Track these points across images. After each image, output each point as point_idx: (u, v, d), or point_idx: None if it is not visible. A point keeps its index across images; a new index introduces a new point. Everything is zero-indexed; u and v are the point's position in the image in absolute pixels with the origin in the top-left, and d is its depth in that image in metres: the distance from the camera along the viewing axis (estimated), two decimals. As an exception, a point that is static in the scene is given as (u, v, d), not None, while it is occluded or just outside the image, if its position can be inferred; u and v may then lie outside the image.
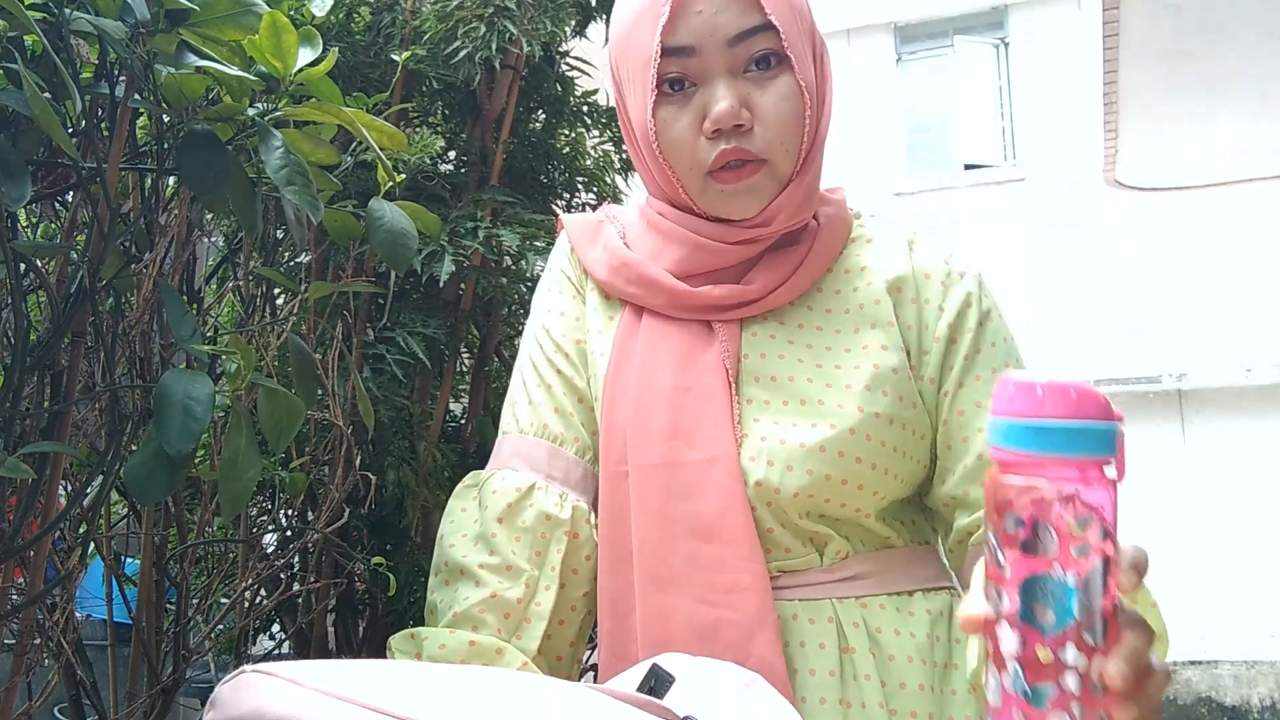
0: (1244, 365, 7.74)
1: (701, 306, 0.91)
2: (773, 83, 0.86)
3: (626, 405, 0.89)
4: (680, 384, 0.88)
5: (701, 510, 0.84)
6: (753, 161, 0.87)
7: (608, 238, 0.98)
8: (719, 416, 0.86)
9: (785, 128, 0.87)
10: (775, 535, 0.85)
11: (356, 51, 1.77)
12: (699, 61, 0.86)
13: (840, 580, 0.85)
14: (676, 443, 0.86)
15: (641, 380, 0.89)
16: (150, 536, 1.28)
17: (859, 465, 0.84)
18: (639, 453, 0.87)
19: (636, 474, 0.86)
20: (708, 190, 0.89)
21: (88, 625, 1.62)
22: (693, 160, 0.88)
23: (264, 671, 0.55)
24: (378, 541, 1.77)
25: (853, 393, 0.87)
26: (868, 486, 0.85)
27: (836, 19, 9.12)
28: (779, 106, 0.86)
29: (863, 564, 0.87)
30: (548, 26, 1.76)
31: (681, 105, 0.87)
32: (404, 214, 1.14)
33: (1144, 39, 3.93)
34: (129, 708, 1.22)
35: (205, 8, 0.94)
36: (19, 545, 0.96)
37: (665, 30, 0.85)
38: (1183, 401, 7.98)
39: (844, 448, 0.84)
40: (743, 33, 0.85)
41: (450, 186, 1.88)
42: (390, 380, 1.70)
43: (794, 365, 0.89)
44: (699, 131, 0.87)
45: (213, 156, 0.98)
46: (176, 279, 1.29)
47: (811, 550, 0.86)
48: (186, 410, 0.90)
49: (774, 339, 0.91)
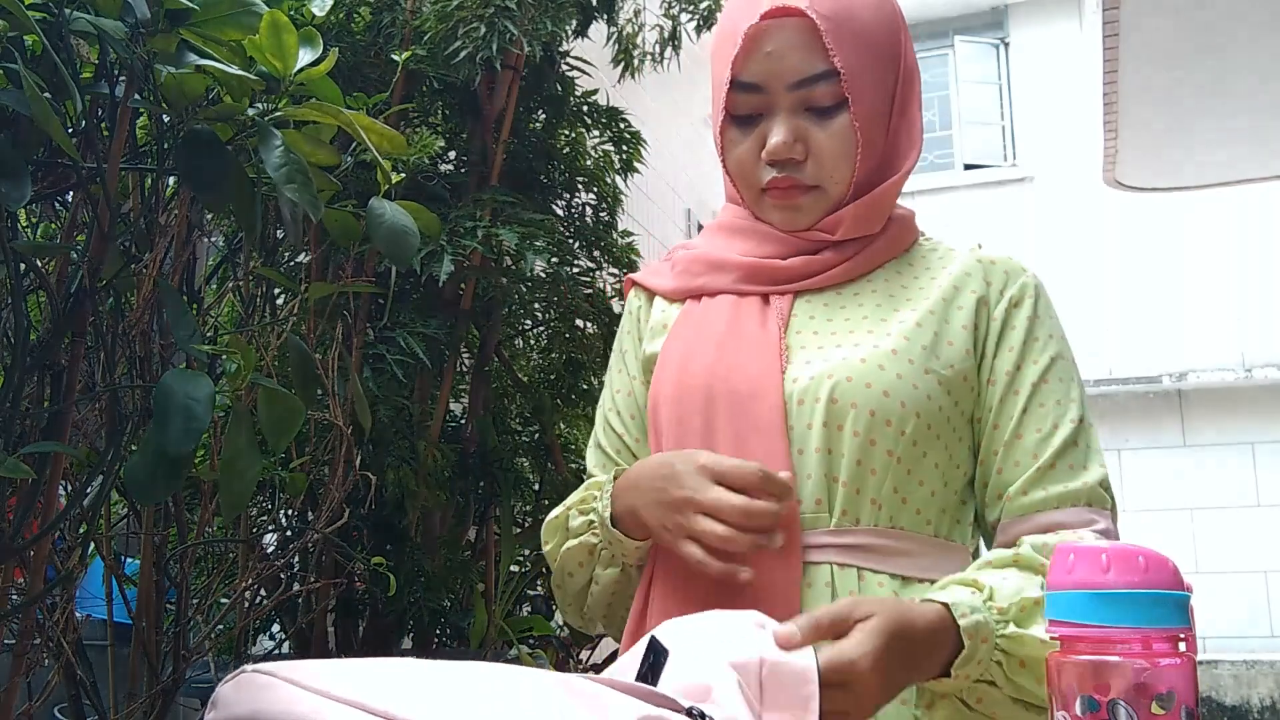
0: (1244, 365, 7.74)
1: (772, 278, 0.96)
2: (830, 122, 0.92)
3: (674, 354, 0.95)
4: (730, 332, 0.94)
5: (742, 438, 0.88)
6: (802, 186, 0.94)
7: (676, 258, 1.06)
8: (767, 359, 0.91)
9: (835, 163, 0.93)
10: (807, 484, 0.87)
11: (356, 51, 1.77)
12: (764, 98, 0.92)
13: (845, 547, 0.86)
14: (720, 376, 0.91)
15: (691, 332, 0.96)
16: (150, 536, 1.28)
17: (885, 398, 0.87)
18: (680, 387, 0.93)
19: (672, 407, 0.92)
20: (761, 202, 0.97)
21: (88, 625, 1.62)
22: (752, 178, 0.96)
23: (265, 671, 0.54)
24: (378, 541, 1.77)
25: (900, 330, 0.91)
26: (896, 424, 0.87)
27: (836, 19, 9.11)
28: (830, 143, 0.92)
29: (874, 536, 0.87)
30: (548, 26, 1.76)
31: (746, 129, 0.94)
32: (404, 213, 1.14)
33: (1144, 39, 3.93)
34: (129, 708, 1.22)
35: (205, 8, 0.94)
36: (19, 545, 0.96)
37: (736, 65, 0.91)
38: (1183, 401, 7.98)
39: (884, 362, 0.88)
40: (804, 80, 0.91)
41: (450, 186, 1.88)
42: (390, 380, 1.70)
43: (841, 324, 0.94)
44: (758, 156, 0.94)
45: (213, 156, 0.98)
46: (176, 279, 1.29)
47: (823, 510, 0.87)
48: (186, 410, 0.90)
49: (826, 306, 0.96)
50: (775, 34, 0.90)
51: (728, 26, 0.94)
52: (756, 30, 0.90)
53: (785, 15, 0.89)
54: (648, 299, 1.06)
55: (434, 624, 1.82)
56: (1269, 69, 4.12)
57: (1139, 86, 4.26)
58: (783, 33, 0.90)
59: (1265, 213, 7.56)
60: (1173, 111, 4.48)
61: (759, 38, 0.90)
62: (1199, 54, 4.00)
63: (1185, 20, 3.79)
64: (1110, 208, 8.01)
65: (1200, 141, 4.82)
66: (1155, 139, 4.78)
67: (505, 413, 2.08)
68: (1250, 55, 4.02)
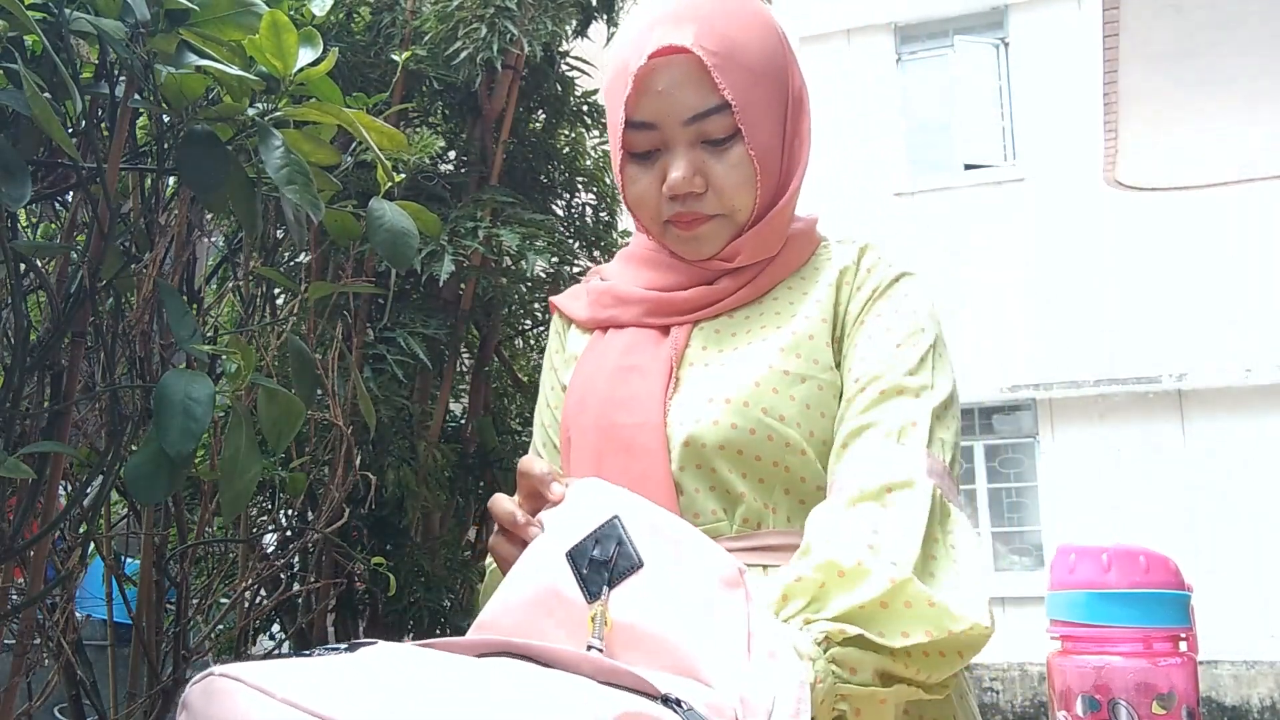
0: (1244, 365, 7.74)
1: (674, 309, 0.99)
2: (726, 153, 0.94)
3: (578, 386, 0.98)
4: (623, 365, 0.96)
5: (628, 468, 0.90)
6: (704, 217, 0.96)
7: (590, 287, 1.08)
8: (653, 391, 0.93)
9: (736, 192, 0.95)
10: (700, 499, 0.90)
11: (356, 51, 1.77)
12: (659, 134, 0.94)
13: (750, 549, 0.88)
14: (610, 409, 0.94)
15: (593, 365, 0.98)
16: (150, 536, 1.28)
17: (765, 416, 0.89)
18: (579, 419, 0.95)
19: (576, 436, 0.95)
20: (668, 234, 0.99)
21: (88, 625, 1.62)
22: (655, 212, 0.97)
23: (232, 676, 0.54)
24: (378, 541, 1.77)
25: (767, 356, 0.93)
26: (778, 438, 0.89)
27: (836, 19, 9.13)
28: (729, 175, 0.94)
29: (774, 537, 0.89)
30: (549, 26, 1.76)
31: (645, 166, 0.96)
32: (404, 213, 1.14)
33: (1144, 39, 3.93)
34: (129, 708, 1.22)
35: (205, 8, 0.94)
36: (19, 545, 0.96)
37: (630, 105, 0.93)
38: (1183, 401, 7.98)
39: (748, 398, 0.90)
40: (697, 115, 0.92)
41: (450, 186, 1.88)
42: (390, 380, 1.70)
43: (731, 348, 0.96)
44: (659, 190, 0.96)
45: (213, 156, 0.98)
46: (176, 279, 1.29)
47: (723, 518, 0.90)
48: (186, 410, 0.90)
49: (719, 333, 0.98)
50: (664, 72, 0.92)
51: (618, 66, 0.96)
52: (645, 70, 0.91)
53: (672, 53, 0.91)
54: (566, 324, 1.09)
55: (434, 624, 1.82)
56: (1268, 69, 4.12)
57: (1139, 86, 4.26)
58: (670, 70, 0.91)
59: (1265, 213, 7.57)
60: (1172, 111, 4.48)
61: (648, 77, 0.92)
62: (1199, 54, 4.01)
63: (1185, 20, 3.79)
64: (1110, 208, 8.01)
65: (1200, 141, 4.82)
66: (1155, 139, 4.78)
67: (505, 413, 2.08)
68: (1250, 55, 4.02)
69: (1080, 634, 0.48)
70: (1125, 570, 0.47)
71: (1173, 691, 0.47)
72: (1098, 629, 0.47)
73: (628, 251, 1.07)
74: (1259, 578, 7.49)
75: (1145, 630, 0.48)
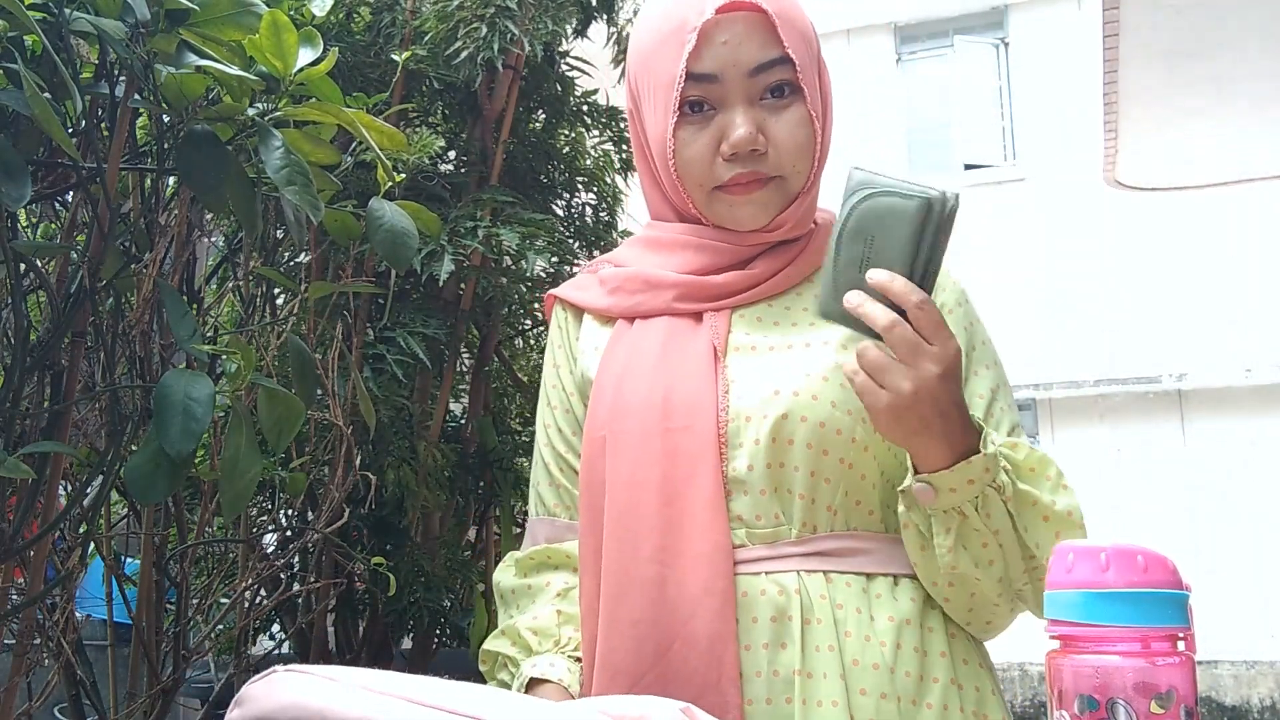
0: (1244, 365, 7.74)
1: (708, 295, 0.96)
2: (787, 111, 0.93)
3: (610, 384, 0.94)
4: (665, 358, 0.93)
5: (673, 475, 0.88)
6: (763, 178, 0.93)
7: (601, 275, 1.04)
8: (701, 389, 0.90)
9: (798, 152, 0.93)
10: (764, 501, 0.88)
11: (356, 51, 1.77)
12: (720, 88, 0.92)
13: (809, 554, 0.88)
14: (656, 410, 0.90)
15: (627, 360, 0.95)
16: (150, 536, 1.28)
17: (833, 409, 0.88)
18: (621, 421, 0.91)
19: (613, 439, 0.91)
20: (716, 203, 0.95)
21: (88, 625, 1.62)
22: (706, 178, 0.94)
23: (298, 670, 0.56)
24: (378, 541, 1.77)
25: (829, 348, 0.92)
26: (845, 432, 0.88)
27: (836, 19, 9.12)
28: (793, 133, 0.93)
29: (834, 541, 0.89)
30: (549, 26, 1.76)
31: (700, 127, 0.93)
32: (404, 213, 1.14)
33: (1144, 39, 3.93)
34: (129, 708, 1.22)
35: (205, 8, 0.94)
36: (19, 545, 0.96)
37: (691, 57, 0.91)
38: (1183, 401, 7.98)
39: (816, 392, 0.89)
40: (763, 65, 0.91)
41: (450, 186, 1.88)
42: (390, 380, 1.70)
43: (775, 338, 0.94)
44: (715, 153, 0.93)
45: (213, 156, 0.98)
46: (176, 279, 1.29)
47: (784, 521, 0.88)
48: (186, 410, 0.90)
49: (760, 321, 0.96)
50: (729, 26, 0.91)
51: (671, 25, 0.93)
52: (711, 24, 0.91)
53: (738, 9, 0.91)
54: (575, 315, 1.05)
55: (434, 624, 1.82)
56: (1268, 69, 4.12)
57: (1139, 86, 4.26)
58: (734, 25, 0.91)
59: (1265, 213, 7.57)
60: (1172, 112, 4.48)
61: (712, 30, 0.91)
62: (1199, 54, 4.01)
63: (1185, 20, 3.79)
64: (1110, 208, 8.01)
65: (1200, 141, 4.82)
66: (1155, 139, 4.78)
67: (505, 413, 2.08)
68: (1250, 55, 4.02)
69: (1078, 633, 0.48)
70: (1123, 570, 0.47)
71: (1171, 691, 0.47)
72: (1095, 628, 0.48)
73: (646, 237, 1.04)
74: (1259, 578, 7.49)
75: (1143, 630, 0.48)
